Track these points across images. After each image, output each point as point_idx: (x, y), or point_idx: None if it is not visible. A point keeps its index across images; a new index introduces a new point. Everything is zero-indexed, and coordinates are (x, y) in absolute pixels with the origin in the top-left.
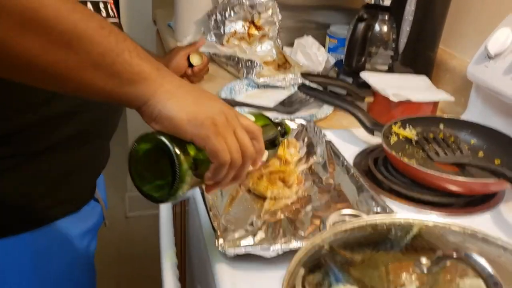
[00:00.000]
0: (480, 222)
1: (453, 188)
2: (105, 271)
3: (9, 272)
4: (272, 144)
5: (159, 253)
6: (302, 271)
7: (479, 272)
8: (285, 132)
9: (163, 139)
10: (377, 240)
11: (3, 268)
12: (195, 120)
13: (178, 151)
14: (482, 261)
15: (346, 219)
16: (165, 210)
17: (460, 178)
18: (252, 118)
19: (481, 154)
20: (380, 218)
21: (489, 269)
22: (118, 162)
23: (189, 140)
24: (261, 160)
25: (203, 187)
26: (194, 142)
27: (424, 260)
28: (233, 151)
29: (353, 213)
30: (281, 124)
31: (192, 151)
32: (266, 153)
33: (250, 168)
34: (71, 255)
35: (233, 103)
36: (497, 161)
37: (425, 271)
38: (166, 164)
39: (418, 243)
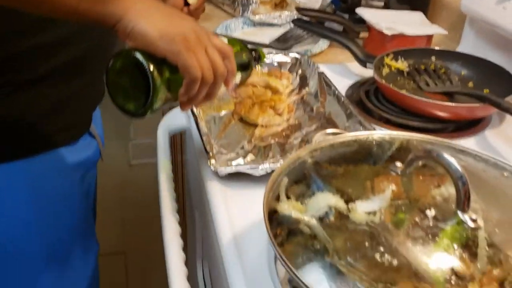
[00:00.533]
0: (465, 145)
1: (441, 113)
2: (109, 215)
3: (6, 196)
4: (245, 68)
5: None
6: (285, 180)
7: (449, 170)
8: (259, 57)
9: (138, 54)
10: (360, 155)
11: (0, 192)
12: (167, 36)
13: (152, 67)
14: (452, 160)
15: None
16: (162, 154)
17: (447, 103)
18: (225, 41)
19: (470, 84)
20: (364, 133)
21: (457, 166)
22: None
23: (162, 56)
24: (234, 82)
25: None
26: (167, 58)
27: (398, 163)
28: (204, 67)
29: (337, 132)
30: (255, 50)
31: (166, 69)
32: (239, 75)
33: (224, 88)
34: (66, 184)
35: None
36: (486, 91)
37: (399, 173)
38: (142, 79)
39: (399, 156)
